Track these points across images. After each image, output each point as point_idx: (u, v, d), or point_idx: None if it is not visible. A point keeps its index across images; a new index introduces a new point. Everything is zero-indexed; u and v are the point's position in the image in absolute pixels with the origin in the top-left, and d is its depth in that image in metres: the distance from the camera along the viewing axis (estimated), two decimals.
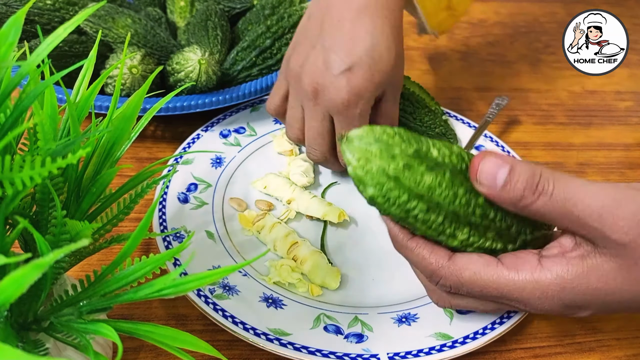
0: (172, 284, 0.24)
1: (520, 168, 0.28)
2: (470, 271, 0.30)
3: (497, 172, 0.29)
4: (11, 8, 0.53)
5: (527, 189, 0.28)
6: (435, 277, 0.31)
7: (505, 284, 0.30)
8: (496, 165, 0.29)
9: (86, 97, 0.30)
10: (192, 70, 0.49)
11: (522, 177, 0.28)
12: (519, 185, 0.28)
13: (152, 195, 0.47)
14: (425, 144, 0.29)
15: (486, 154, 0.29)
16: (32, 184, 0.21)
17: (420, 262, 0.32)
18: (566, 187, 0.28)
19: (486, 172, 0.29)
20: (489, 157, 0.29)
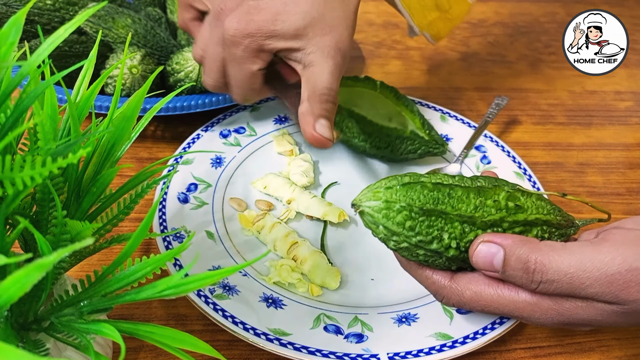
0: (173, 285, 0.24)
1: (513, 255, 0.29)
2: (472, 291, 0.31)
3: (493, 260, 0.30)
4: (11, 8, 0.53)
5: (525, 279, 0.29)
6: (438, 296, 0.33)
7: (505, 304, 0.31)
8: (490, 253, 0.30)
9: (86, 97, 0.30)
10: (192, 70, 0.49)
11: (517, 266, 0.29)
12: (517, 274, 0.29)
13: (152, 195, 0.47)
14: (437, 232, 0.30)
15: (480, 241, 0.30)
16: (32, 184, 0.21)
17: (424, 281, 0.33)
18: (565, 270, 0.28)
19: (482, 260, 0.30)
20: (481, 246, 0.30)
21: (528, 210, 0.31)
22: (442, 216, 0.30)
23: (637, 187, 0.55)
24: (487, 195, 0.31)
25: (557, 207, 0.33)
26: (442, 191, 0.30)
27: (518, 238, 0.30)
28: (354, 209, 0.31)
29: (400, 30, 0.80)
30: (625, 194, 0.54)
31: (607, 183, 0.55)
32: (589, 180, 0.55)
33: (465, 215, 0.30)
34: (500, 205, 0.31)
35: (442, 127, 0.56)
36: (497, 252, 0.29)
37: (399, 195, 0.30)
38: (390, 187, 0.30)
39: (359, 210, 0.31)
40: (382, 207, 0.30)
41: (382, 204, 0.30)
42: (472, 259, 0.30)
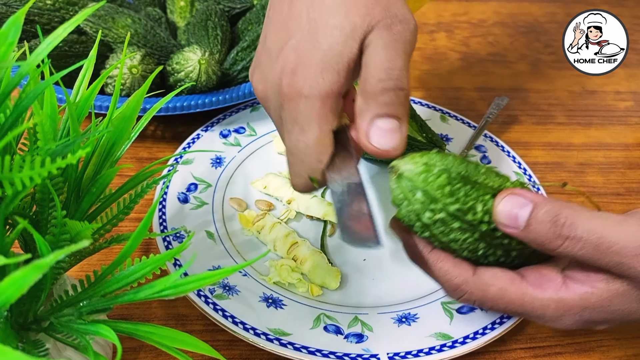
0: (173, 285, 0.24)
1: (542, 209, 0.28)
2: (496, 287, 0.30)
3: (519, 213, 0.28)
4: (11, 8, 0.53)
5: (551, 233, 0.28)
6: (459, 292, 0.31)
7: (529, 302, 0.29)
8: (517, 205, 0.28)
9: (86, 97, 0.30)
10: (192, 70, 0.49)
11: (546, 220, 0.28)
12: (543, 228, 0.28)
13: (152, 195, 0.47)
14: (472, 201, 0.29)
15: (508, 193, 0.29)
16: (32, 184, 0.21)
17: (442, 277, 0.31)
18: (595, 230, 0.27)
19: (506, 213, 0.28)
20: (508, 198, 0.29)
21: None
22: (476, 186, 0.29)
23: (637, 187, 0.54)
24: (504, 179, 0.31)
25: None
26: (470, 165, 0.30)
27: (547, 197, 0.29)
28: (391, 173, 0.29)
29: None
30: (625, 194, 0.54)
31: (607, 183, 0.55)
32: (589, 180, 0.55)
33: (496, 188, 0.30)
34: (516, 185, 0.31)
35: (442, 127, 0.56)
36: (524, 206, 0.28)
37: (435, 160, 0.29)
38: (425, 153, 0.29)
39: (397, 174, 0.29)
40: (422, 170, 0.28)
41: (421, 166, 0.29)
42: (495, 210, 0.29)
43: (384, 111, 0.29)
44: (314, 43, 0.29)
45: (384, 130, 0.29)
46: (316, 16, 0.30)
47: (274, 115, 0.33)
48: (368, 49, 0.29)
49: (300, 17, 0.30)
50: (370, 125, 0.29)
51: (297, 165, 0.31)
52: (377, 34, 0.29)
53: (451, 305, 0.39)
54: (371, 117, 0.29)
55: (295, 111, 0.30)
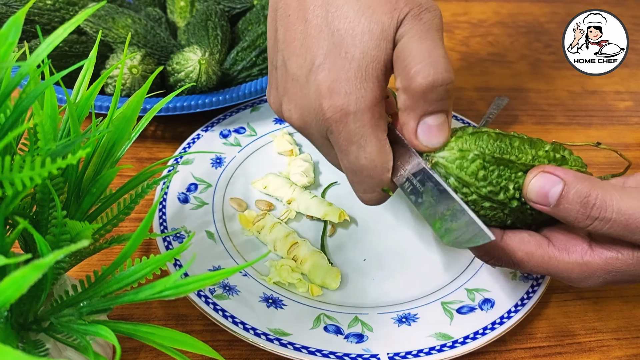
0: (173, 285, 0.24)
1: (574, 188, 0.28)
2: (523, 252, 0.31)
3: (550, 191, 0.29)
4: (11, 8, 0.53)
5: (581, 213, 0.28)
6: (487, 256, 0.32)
7: (555, 265, 0.31)
8: (548, 183, 0.29)
9: (86, 97, 0.30)
10: (192, 70, 0.49)
11: (576, 199, 0.28)
12: (574, 207, 0.28)
13: (152, 195, 0.47)
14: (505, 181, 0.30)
15: (540, 170, 0.30)
16: (32, 184, 0.21)
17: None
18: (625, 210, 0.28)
19: (537, 190, 0.29)
20: (540, 176, 0.29)
21: (569, 162, 0.32)
22: (509, 165, 0.30)
23: None
24: (537, 146, 0.31)
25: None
26: (504, 141, 0.30)
27: (579, 174, 0.29)
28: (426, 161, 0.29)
29: None
30: None
31: None
32: None
33: (528, 165, 0.30)
34: (550, 157, 0.31)
35: None
36: (555, 184, 0.29)
37: (469, 144, 0.29)
38: (459, 136, 0.30)
39: (432, 163, 0.29)
40: (457, 157, 0.29)
41: (456, 152, 0.29)
42: (526, 189, 0.29)
43: (432, 108, 0.28)
44: (344, 55, 0.28)
45: (432, 127, 0.29)
46: (338, 27, 0.28)
47: (317, 141, 0.32)
48: (402, 43, 0.28)
49: (320, 34, 0.29)
50: (418, 123, 0.29)
51: (366, 182, 0.31)
52: (408, 27, 0.28)
53: (451, 306, 0.39)
54: (419, 115, 0.28)
55: (347, 131, 0.29)
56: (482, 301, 0.39)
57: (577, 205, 0.28)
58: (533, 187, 0.29)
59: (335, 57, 0.28)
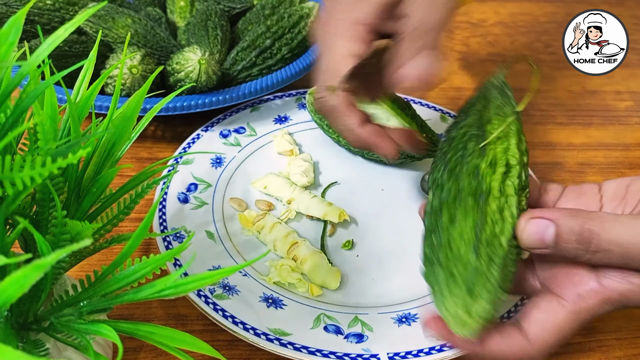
0: (173, 285, 0.24)
1: (566, 227, 0.29)
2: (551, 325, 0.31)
3: (544, 235, 0.29)
4: (11, 8, 0.53)
5: (581, 249, 0.29)
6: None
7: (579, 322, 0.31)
8: (541, 227, 0.29)
9: (86, 97, 0.30)
10: (192, 70, 0.49)
11: (572, 238, 0.28)
12: (571, 246, 0.29)
13: (152, 195, 0.47)
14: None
15: (529, 215, 0.30)
16: (32, 184, 0.21)
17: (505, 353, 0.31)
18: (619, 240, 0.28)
19: (533, 239, 0.29)
20: (531, 222, 0.29)
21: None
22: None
23: None
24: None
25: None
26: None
27: (567, 211, 0.29)
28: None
29: None
30: None
31: None
32: (589, 180, 0.55)
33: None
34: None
35: (442, 127, 0.56)
36: (547, 227, 0.29)
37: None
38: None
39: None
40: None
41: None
42: (520, 237, 0.29)
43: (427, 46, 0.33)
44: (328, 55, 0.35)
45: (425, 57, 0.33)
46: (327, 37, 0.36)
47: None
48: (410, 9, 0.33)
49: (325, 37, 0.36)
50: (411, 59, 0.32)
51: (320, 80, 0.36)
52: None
53: None
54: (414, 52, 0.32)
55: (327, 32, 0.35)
56: None
57: (574, 243, 0.28)
58: (528, 235, 0.29)
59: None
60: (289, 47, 0.56)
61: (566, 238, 0.29)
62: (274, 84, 0.54)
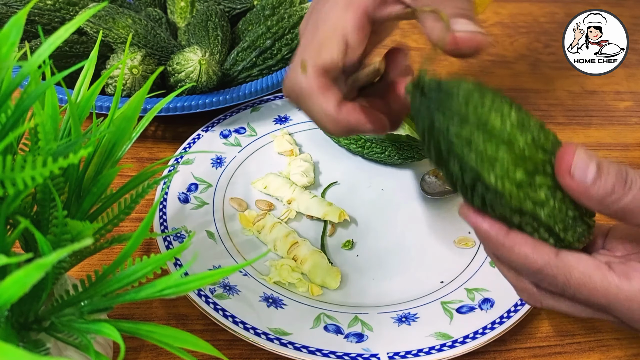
0: (174, 284, 0.24)
1: (607, 164, 0.28)
2: (580, 272, 0.28)
3: (587, 168, 0.27)
4: (12, 8, 0.53)
5: (617, 184, 0.27)
6: (540, 275, 0.29)
7: (614, 293, 0.28)
8: (588, 158, 0.28)
9: (87, 97, 0.30)
10: (192, 71, 0.50)
11: (611, 172, 0.27)
12: (609, 180, 0.27)
13: (152, 195, 0.47)
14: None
15: (576, 146, 0.28)
16: (33, 184, 0.21)
17: (522, 262, 0.29)
18: None
19: (580, 167, 0.27)
20: (580, 151, 0.28)
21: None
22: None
23: None
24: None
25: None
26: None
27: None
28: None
29: (400, 31, 0.80)
30: None
31: None
32: None
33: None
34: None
35: None
36: (592, 161, 0.27)
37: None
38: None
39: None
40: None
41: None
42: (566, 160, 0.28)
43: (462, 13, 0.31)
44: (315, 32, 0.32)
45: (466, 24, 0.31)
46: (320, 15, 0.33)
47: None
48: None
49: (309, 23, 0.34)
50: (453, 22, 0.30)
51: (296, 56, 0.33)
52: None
53: (451, 305, 0.39)
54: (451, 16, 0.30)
55: (300, 91, 0.32)
56: (482, 301, 0.39)
57: (614, 178, 0.27)
58: (578, 162, 0.27)
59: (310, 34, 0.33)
60: (289, 48, 0.56)
61: (606, 173, 0.27)
62: (275, 84, 0.54)
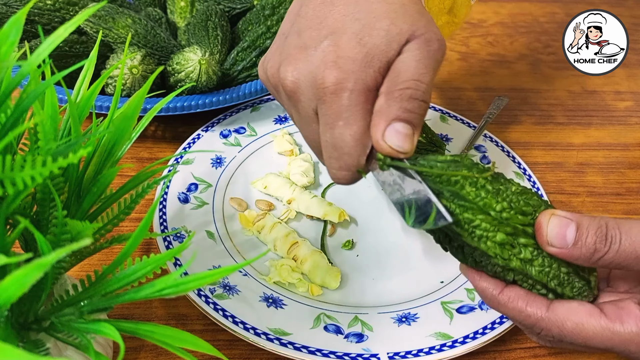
0: (173, 284, 0.24)
1: (586, 222, 0.29)
2: (573, 322, 0.29)
3: (566, 232, 0.28)
4: (12, 8, 0.53)
5: (599, 242, 0.28)
6: (536, 329, 0.30)
7: (609, 338, 0.29)
8: (563, 224, 0.29)
9: (87, 97, 0.30)
10: (192, 71, 0.50)
11: (591, 231, 0.28)
12: (590, 240, 0.28)
13: (152, 195, 0.47)
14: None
15: (550, 214, 0.29)
16: (33, 183, 0.21)
17: (517, 316, 0.30)
18: (635, 232, 0.28)
19: (555, 233, 0.29)
20: (554, 218, 0.29)
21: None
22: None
23: (637, 187, 0.55)
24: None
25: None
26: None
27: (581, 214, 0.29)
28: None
29: None
30: (625, 194, 0.54)
31: (607, 183, 0.55)
32: (589, 180, 0.55)
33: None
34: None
35: (442, 127, 0.56)
36: (569, 224, 0.28)
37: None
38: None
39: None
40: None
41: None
42: (542, 231, 0.29)
43: (405, 116, 0.30)
44: (358, 40, 0.30)
45: (400, 133, 0.30)
46: (362, 17, 0.31)
47: (304, 109, 0.32)
48: (403, 55, 0.30)
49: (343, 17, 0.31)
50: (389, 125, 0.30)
51: (343, 160, 0.31)
52: (416, 45, 0.30)
53: (451, 305, 0.39)
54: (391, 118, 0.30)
55: (339, 105, 0.30)
56: (482, 301, 0.39)
57: (594, 237, 0.28)
58: (552, 232, 0.29)
59: (350, 39, 0.30)
60: None
61: (585, 234, 0.28)
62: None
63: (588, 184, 0.55)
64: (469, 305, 0.39)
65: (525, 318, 0.30)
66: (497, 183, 0.30)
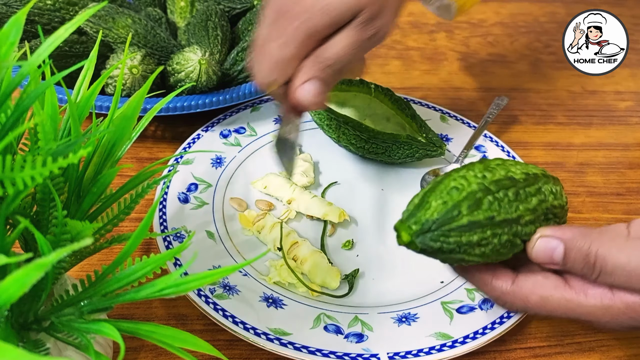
0: (173, 284, 0.24)
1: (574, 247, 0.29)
2: (537, 296, 0.30)
3: (552, 254, 0.30)
4: (12, 8, 0.53)
5: (586, 270, 0.29)
6: (500, 301, 0.32)
7: (573, 309, 0.30)
8: (549, 248, 0.30)
9: (87, 97, 0.30)
10: (192, 71, 0.50)
11: (578, 259, 0.29)
12: (577, 266, 0.29)
13: (152, 195, 0.47)
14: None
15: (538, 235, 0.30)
16: (33, 183, 0.21)
17: (483, 287, 0.32)
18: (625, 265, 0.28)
19: (542, 257, 0.30)
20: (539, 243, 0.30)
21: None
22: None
23: (637, 187, 0.54)
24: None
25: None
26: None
27: (577, 230, 0.30)
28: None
29: (400, 30, 0.80)
30: (625, 194, 0.54)
31: (607, 183, 0.55)
32: (589, 180, 0.55)
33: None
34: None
35: (442, 128, 0.56)
36: (556, 247, 0.30)
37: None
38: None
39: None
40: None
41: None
42: (531, 254, 0.30)
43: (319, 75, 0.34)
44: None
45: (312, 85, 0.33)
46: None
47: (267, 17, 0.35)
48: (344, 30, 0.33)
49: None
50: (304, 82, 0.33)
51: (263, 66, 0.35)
52: (356, 25, 0.33)
53: (451, 305, 0.39)
54: (307, 77, 0.33)
55: (289, 24, 0.33)
56: (482, 301, 0.39)
57: (581, 264, 0.29)
58: (538, 253, 0.30)
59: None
60: None
61: (573, 258, 0.29)
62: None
63: (588, 184, 0.54)
64: (469, 305, 0.39)
65: (490, 290, 0.31)
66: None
